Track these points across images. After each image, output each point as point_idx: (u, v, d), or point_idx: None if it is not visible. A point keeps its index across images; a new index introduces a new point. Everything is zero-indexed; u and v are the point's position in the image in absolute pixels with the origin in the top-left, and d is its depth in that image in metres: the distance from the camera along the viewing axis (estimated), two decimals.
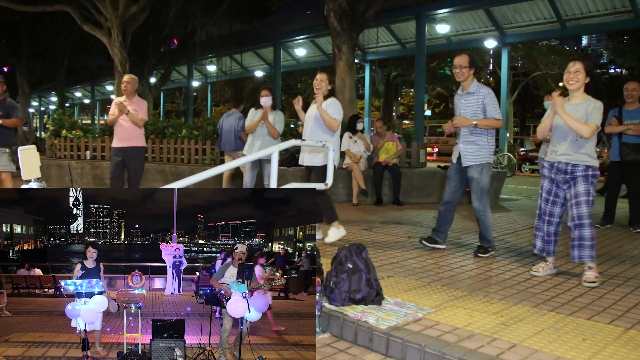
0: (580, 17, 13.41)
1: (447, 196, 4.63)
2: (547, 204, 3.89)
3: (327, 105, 4.97)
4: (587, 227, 3.62)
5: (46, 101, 43.27)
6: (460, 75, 4.43)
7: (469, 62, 4.40)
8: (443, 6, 13.94)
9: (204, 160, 9.58)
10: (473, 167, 4.42)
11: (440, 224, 4.68)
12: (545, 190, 3.90)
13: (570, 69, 3.68)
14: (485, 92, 4.39)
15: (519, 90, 25.96)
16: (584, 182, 3.65)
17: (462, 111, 4.46)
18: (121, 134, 6.10)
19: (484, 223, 4.47)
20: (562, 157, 3.71)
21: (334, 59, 10.67)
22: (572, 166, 3.68)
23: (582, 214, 3.63)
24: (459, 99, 4.55)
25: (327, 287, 3.16)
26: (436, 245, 4.71)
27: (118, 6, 14.22)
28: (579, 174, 3.66)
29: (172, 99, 38.12)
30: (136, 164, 6.15)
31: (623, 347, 2.50)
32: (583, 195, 3.63)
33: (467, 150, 4.43)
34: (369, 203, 7.92)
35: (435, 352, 2.47)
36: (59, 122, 11.58)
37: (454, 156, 4.58)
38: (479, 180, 4.40)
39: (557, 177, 3.79)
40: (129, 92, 6.12)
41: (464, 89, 4.49)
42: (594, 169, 3.67)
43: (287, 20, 21.36)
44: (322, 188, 4.22)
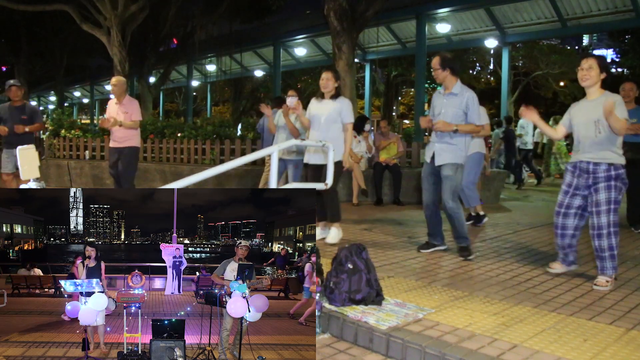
0: (581, 17, 13.41)
1: (428, 199, 4.55)
2: (567, 197, 3.75)
3: (341, 106, 4.91)
4: (605, 237, 3.52)
5: (45, 101, 43.22)
6: (437, 77, 4.40)
7: (440, 63, 4.33)
8: (443, 5, 13.94)
9: (203, 160, 9.58)
10: (447, 165, 4.35)
11: (432, 228, 4.64)
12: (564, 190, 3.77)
13: (583, 65, 3.58)
14: (469, 96, 4.32)
15: (520, 90, 25.93)
16: (606, 189, 3.52)
17: (442, 110, 4.37)
18: (116, 135, 6.20)
19: (460, 221, 4.41)
20: (584, 156, 3.60)
21: (334, 59, 10.66)
22: (594, 165, 3.56)
23: (601, 224, 3.53)
24: (439, 98, 4.45)
25: (327, 287, 3.15)
26: (436, 248, 4.68)
27: (117, 5, 14.22)
28: (601, 174, 3.54)
29: (171, 99, 38.07)
30: (127, 164, 6.19)
31: (624, 348, 2.50)
32: (604, 204, 3.52)
33: (442, 149, 4.37)
34: (369, 203, 7.91)
35: (436, 353, 2.47)
36: (58, 122, 11.58)
37: (428, 156, 4.51)
38: (453, 179, 4.34)
39: (579, 180, 3.65)
40: (118, 94, 6.17)
41: (446, 88, 4.42)
42: (617, 168, 3.53)
43: (287, 20, 21.35)
44: (322, 188, 4.21)
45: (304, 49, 19.24)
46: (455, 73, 4.41)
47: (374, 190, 7.97)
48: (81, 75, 32.22)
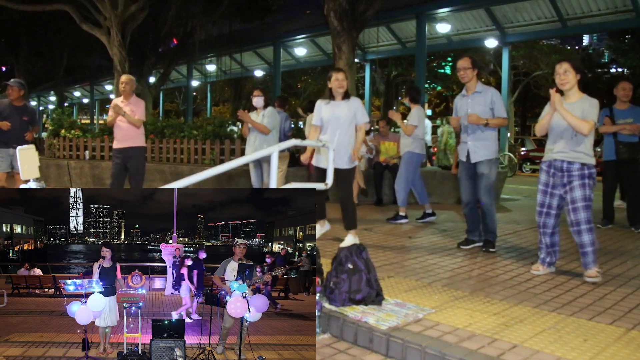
0: (581, 17, 13.41)
1: (467, 197, 4.73)
2: (546, 197, 3.89)
3: (356, 106, 4.87)
4: (585, 232, 3.67)
5: (45, 101, 43.23)
6: (465, 77, 4.60)
7: (472, 63, 4.58)
8: (443, 5, 13.93)
9: (203, 160, 9.57)
10: (483, 162, 4.55)
11: (471, 225, 4.81)
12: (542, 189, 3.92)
13: (558, 70, 3.75)
14: (494, 92, 4.59)
15: (520, 89, 25.93)
16: (581, 187, 3.66)
17: (469, 110, 4.58)
18: (120, 135, 6.10)
19: (492, 217, 4.61)
20: (559, 155, 3.75)
21: (334, 59, 10.66)
22: (567, 164, 3.72)
23: (579, 220, 3.67)
24: (464, 100, 4.68)
25: (327, 287, 3.15)
26: (475, 245, 4.82)
27: (117, 5, 14.21)
28: (575, 173, 3.69)
29: (171, 99, 38.09)
30: (136, 164, 6.12)
31: (624, 348, 2.50)
32: (580, 201, 3.66)
33: (477, 146, 4.58)
34: (369, 203, 7.91)
35: (436, 353, 2.47)
36: (58, 122, 11.57)
37: (462, 155, 4.69)
38: (488, 176, 4.55)
39: (554, 178, 3.80)
40: (127, 92, 6.13)
41: (469, 89, 4.66)
42: (589, 167, 3.69)
43: (287, 20, 21.36)
44: (322, 188, 4.21)
45: (304, 49, 19.24)
46: (479, 74, 4.67)
47: (373, 190, 7.97)
48: (81, 75, 32.22)
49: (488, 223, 4.64)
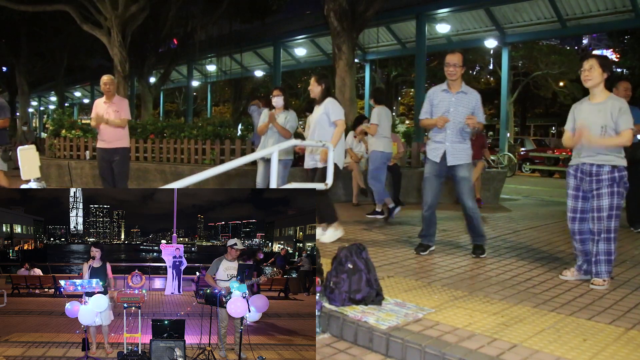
0: (580, 17, 13.43)
1: (432, 199, 4.53)
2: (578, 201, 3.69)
3: (326, 108, 4.99)
4: (603, 242, 3.52)
5: (46, 101, 43.28)
6: (454, 74, 4.36)
7: (462, 60, 4.39)
8: (443, 6, 13.95)
9: (203, 160, 9.58)
10: (463, 166, 4.38)
11: (428, 229, 4.62)
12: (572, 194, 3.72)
13: (584, 66, 3.58)
14: (478, 96, 4.44)
15: (520, 90, 25.94)
16: (609, 195, 3.49)
17: (451, 109, 4.37)
18: (105, 136, 6.15)
19: (479, 220, 4.46)
20: (587, 159, 3.58)
21: (334, 59, 10.67)
22: (597, 167, 3.53)
23: (600, 229, 3.53)
24: (448, 97, 4.41)
25: (327, 287, 3.16)
26: (431, 249, 4.66)
27: (118, 6, 14.23)
28: (605, 176, 3.51)
29: (171, 99, 38.09)
30: (121, 166, 6.18)
31: (624, 348, 2.50)
32: (606, 210, 3.50)
33: (456, 149, 4.39)
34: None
35: (436, 353, 2.47)
36: (59, 122, 11.58)
37: (437, 155, 4.44)
38: (468, 179, 4.41)
39: (583, 183, 3.61)
40: (110, 92, 6.17)
41: (453, 87, 4.41)
42: (620, 170, 3.51)
43: (287, 20, 21.37)
44: (322, 188, 4.21)
45: (304, 49, 19.26)
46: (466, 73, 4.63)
47: None
48: (81, 76, 32.25)
49: (476, 226, 4.46)
